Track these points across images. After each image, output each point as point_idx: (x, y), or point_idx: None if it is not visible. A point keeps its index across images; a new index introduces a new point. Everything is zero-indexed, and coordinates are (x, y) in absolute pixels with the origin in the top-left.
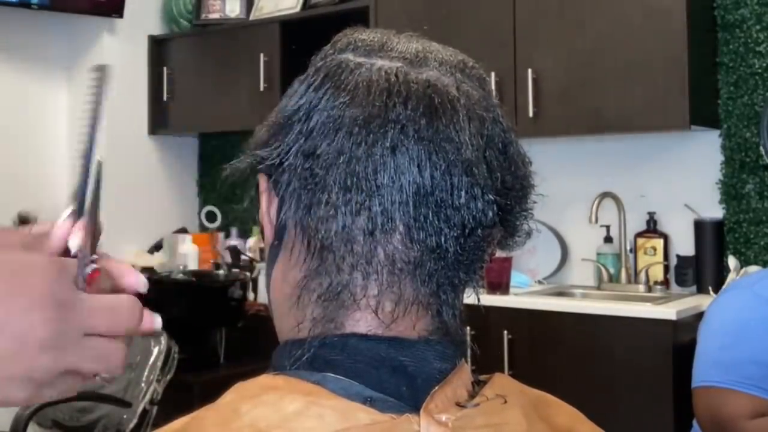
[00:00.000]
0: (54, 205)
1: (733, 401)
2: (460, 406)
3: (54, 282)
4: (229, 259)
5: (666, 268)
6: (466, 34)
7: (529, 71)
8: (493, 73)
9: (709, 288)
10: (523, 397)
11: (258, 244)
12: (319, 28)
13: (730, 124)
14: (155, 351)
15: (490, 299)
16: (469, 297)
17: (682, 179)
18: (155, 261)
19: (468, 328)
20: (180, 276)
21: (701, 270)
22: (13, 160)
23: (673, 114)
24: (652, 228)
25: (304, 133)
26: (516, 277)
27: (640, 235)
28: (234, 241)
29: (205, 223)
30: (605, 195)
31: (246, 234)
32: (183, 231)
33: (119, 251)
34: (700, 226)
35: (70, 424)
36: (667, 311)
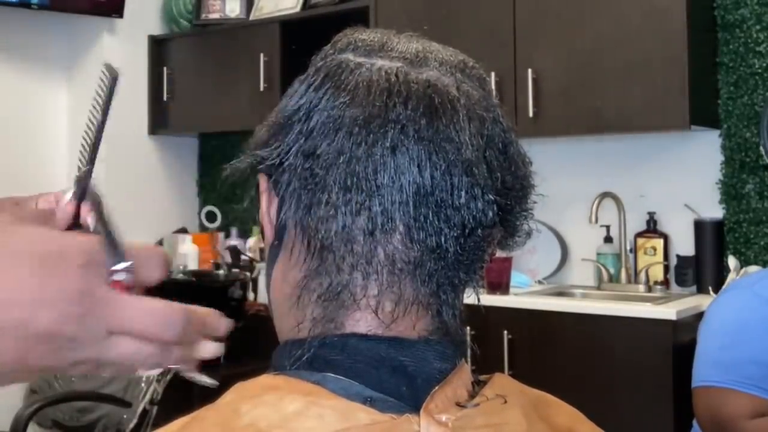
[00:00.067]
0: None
1: (733, 401)
2: (460, 406)
3: (85, 273)
4: (229, 259)
5: (666, 268)
6: (466, 34)
7: (529, 71)
8: (493, 73)
9: (709, 288)
10: (523, 397)
11: (258, 244)
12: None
13: (730, 124)
14: None
15: (490, 299)
16: (469, 297)
17: (682, 179)
18: None
19: (468, 328)
20: (180, 276)
21: (701, 270)
22: (13, 160)
23: (673, 114)
24: (652, 228)
25: (304, 133)
26: (516, 277)
27: (640, 235)
28: (234, 241)
29: (205, 223)
30: (605, 195)
31: (246, 234)
32: (183, 231)
33: None
34: (700, 226)
35: (70, 424)
36: (667, 311)
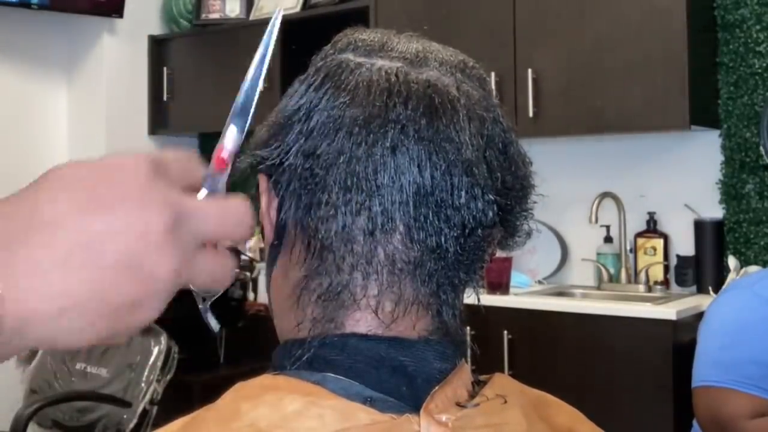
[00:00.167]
0: None
1: (733, 401)
2: (460, 406)
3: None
4: None
5: (666, 268)
6: (466, 34)
7: (529, 71)
8: (493, 73)
9: (709, 288)
10: (523, 397)
11: (258, 244)
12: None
13: (730, 124)
14: (155, 351)
15: (490, 299)
16: (469, 297)
17: (682, 179)
18: None
19: (468, 328)
20: None
21: (701, 270)
22: (13, 160)
23: (673, 114)
24: (652, 228)
25: (304, 133)
26: (516, 277)
27: (640, 235)
28: None
29: None
30: (605, 195)
31: None
32: None
33: None
34: (700, 226)
35: (70, 424)
36: (667, 311)
